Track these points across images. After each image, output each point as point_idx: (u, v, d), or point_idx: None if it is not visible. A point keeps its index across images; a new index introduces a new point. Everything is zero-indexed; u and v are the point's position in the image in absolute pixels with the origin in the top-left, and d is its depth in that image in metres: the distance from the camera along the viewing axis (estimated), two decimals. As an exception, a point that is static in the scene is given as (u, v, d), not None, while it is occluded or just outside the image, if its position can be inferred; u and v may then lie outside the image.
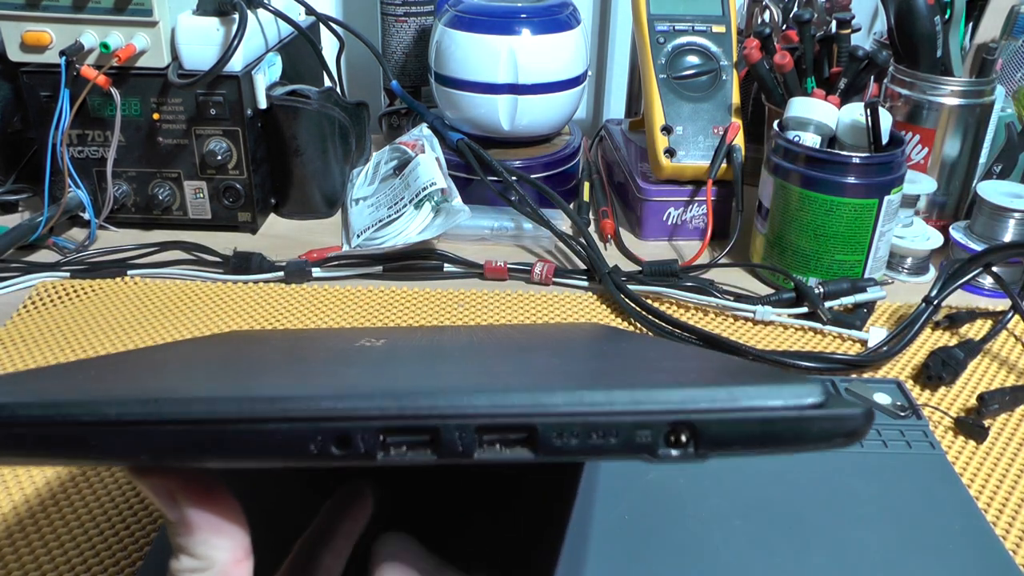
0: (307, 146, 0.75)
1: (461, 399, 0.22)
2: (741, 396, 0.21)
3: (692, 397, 0.21)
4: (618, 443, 0.22)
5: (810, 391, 0.21)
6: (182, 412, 0.21)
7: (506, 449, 0.22)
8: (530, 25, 0.75)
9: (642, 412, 0.21)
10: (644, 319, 0.62)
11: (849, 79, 0.72)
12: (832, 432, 0.21)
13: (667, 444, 0.22)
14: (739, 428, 0.21)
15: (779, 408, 0.21)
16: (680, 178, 0.75)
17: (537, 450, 0.22)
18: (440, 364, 0.29)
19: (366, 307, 0.65)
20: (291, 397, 0.22)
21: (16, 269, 0.67)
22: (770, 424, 0.21)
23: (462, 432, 0.21)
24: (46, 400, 0.22)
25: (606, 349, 0.34)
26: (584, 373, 0.26)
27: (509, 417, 0.21)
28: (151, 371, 0.29)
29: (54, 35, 0.67)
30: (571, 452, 0.22)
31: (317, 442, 0.21)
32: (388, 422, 0.21)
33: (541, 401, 0.22)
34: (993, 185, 0.68)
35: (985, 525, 0.41)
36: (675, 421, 0.21)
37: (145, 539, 0.42)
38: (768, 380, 0.22)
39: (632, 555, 0.38)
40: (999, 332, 0.61)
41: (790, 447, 0.21)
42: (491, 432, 0.22)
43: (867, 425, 0.21)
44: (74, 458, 0.22)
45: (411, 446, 0.22)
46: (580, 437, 0.21)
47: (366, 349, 0.33)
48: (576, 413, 0.21)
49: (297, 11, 0.83)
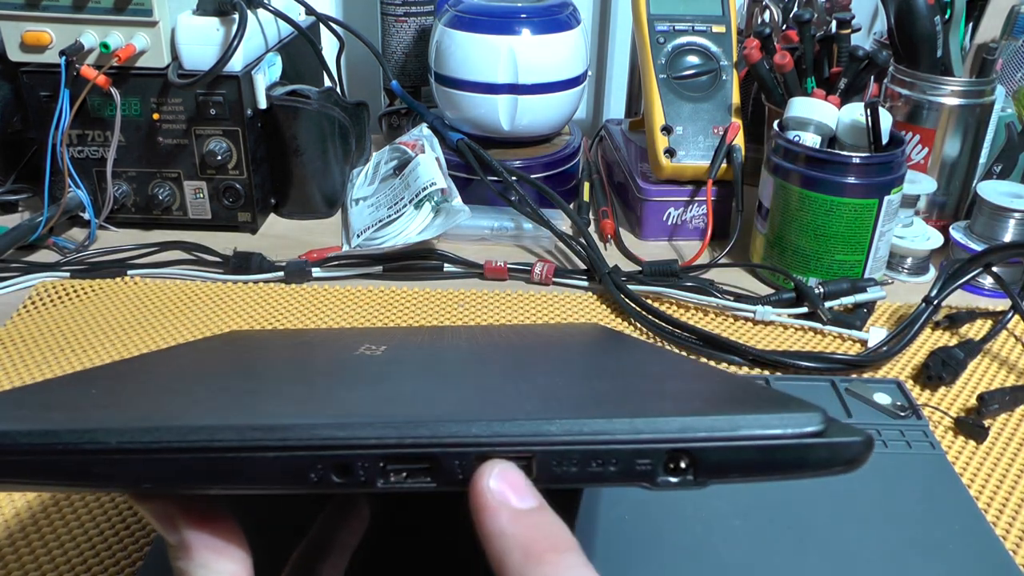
0: (307, 146, 0.75)
1: (460, 428, 0.22)
2: (741, 424, 0.21)
3: (691, 425, 0.22)
4: (617, 471, 0.22)
5: (810, 419, 0.21)
6: (183, 441, 0.21)
7: None
8: (530, 25, 0.75)
9: (641, 441, 0.21)
10: (644, 319, 0.62)
11: (849, 79, 0.72)
12: (832, 460, 0.21)
13: (666, 472, 0.22)
14: (738, 456, 0.21)
15: (779, 436, 0.21)
16: (680, 178, 0.75)
17: (536, 477, 0.22)
18: (440, 383, 0.29)
19: (366, 307, 0.64)
20: (291, 426, 0.22)
21: (16, 269, 0.67)
22: (770, 452, 0.21)
23: (461, 460, 0.22)
24: (47, 428, 0.22)
25: (606, 363, 0.34)
26: (584, 397, 0.26)
27: (508, 446, 0.22)
28: (153, 390, 0.29)
29: (54, 35, 0.67)
30: (570, 479, 0.22)
31: (317, 471, 0.21)
32: (388, 451, 0.22)
33: (540, 430, 0.22)
34: (993, 185, 0.68)
35: (985, 525, 0.41)
36: (674, 449, 0.21)
37: (145, 539, 0.42)
38: (768, 407, 0.22)
39: (632, 555, 0.38)
40: (999, 332, 0.61)
41: (789, 474, 0.21)
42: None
43: (867, 453, 0.21)
44: (75, 485, 0.22)
45: (411, 473, 0.22)
46: (579, 465, 0.22)
47: (366, 360, 0.33)
48: (575, 442, 0.22)
49: (297, 11, 0.83)
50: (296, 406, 0.26)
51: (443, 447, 0.21)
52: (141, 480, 0.22)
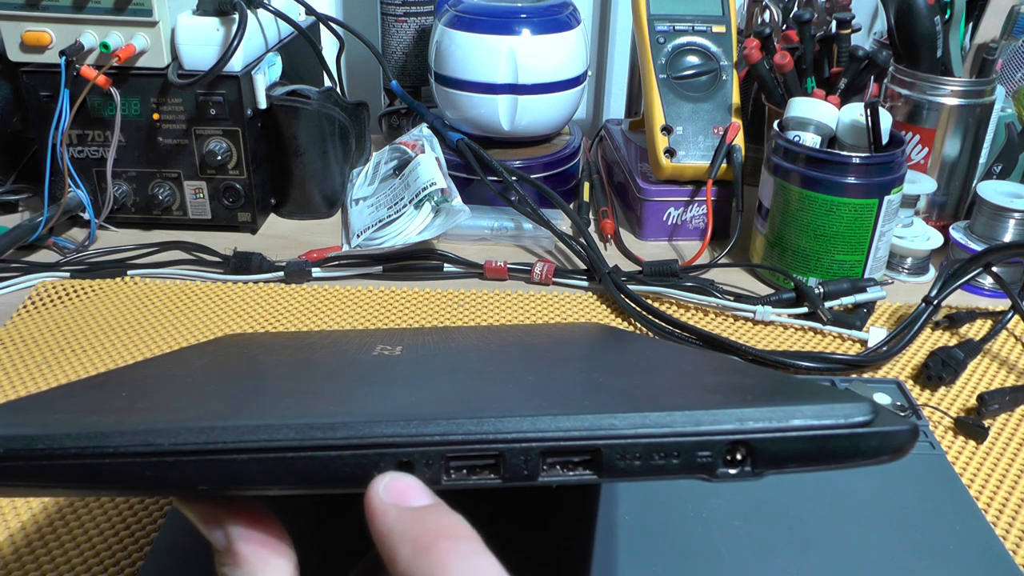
0: (307, 146, 0.75)
1: (525, 423, 0.21)
2: (795, 415, 0.22)
3: (749, 417, 0.22)
4: (679, 463, 0.22)
5: (860, 409, 0.22)
6: (240, 441, 0.21)
7: (569, 471, 0.22)
8: (530, 25, 0.75)
9: (703, 433, 0.22)
10: (644, 319, 0.62)
11: (849, 79, 0.72)
12: (880, 448, 0.22)
13: (725, 464, 0.22)
14: (794, 446, 0.22)
15: (832, 426, 0.22)
16: (680, 178, 0.75)
17: (601, 472, 0.22)
18: (485, 381, 0.29)
19: (366, 307, 0.64)
20: (352, 423, 0.21)
21: (16, 269, 0.67)
22: (824, 442, 0.22)
23: (527, 456, 0.21)
24: (96, 431, 0.21)
25: (633, 360, 0.34)
26: (634, 391, 0.26)
27: (574, 440, 0.21)
28: (187, 392, 0.28)
29: (54, 35, 0.67)
30: (634, 473, 0.22)
31: (380, 468, 0.21)
32: (453, 448, 0.21)
33: (606, 424, 0.22)
34: (993, 185, 0.68)
35: (985, 525, 0.41)
36: (734, 441, 0.22)
37: (145, 539, 0.42)
38: (818, 398, 0.23)
39: (632, 555, 0.38)
40: (999, 332, 0.61)
41: (842, 463, 0.22)
42: (556, 455, 0.22)
43: (913, 441, 0.22)
44: (127, 491, 0.21)
45: (475, 470, 0.22)
46: (643, 459, 0.22)
47: (391, 361, 0.33)
48: (640, 435, 0.22)
49: (297, 11, 0.83)
50: (343, 402, 0.25)
51: (509, 443, 0.21)
52: (197, 483, 0.21)
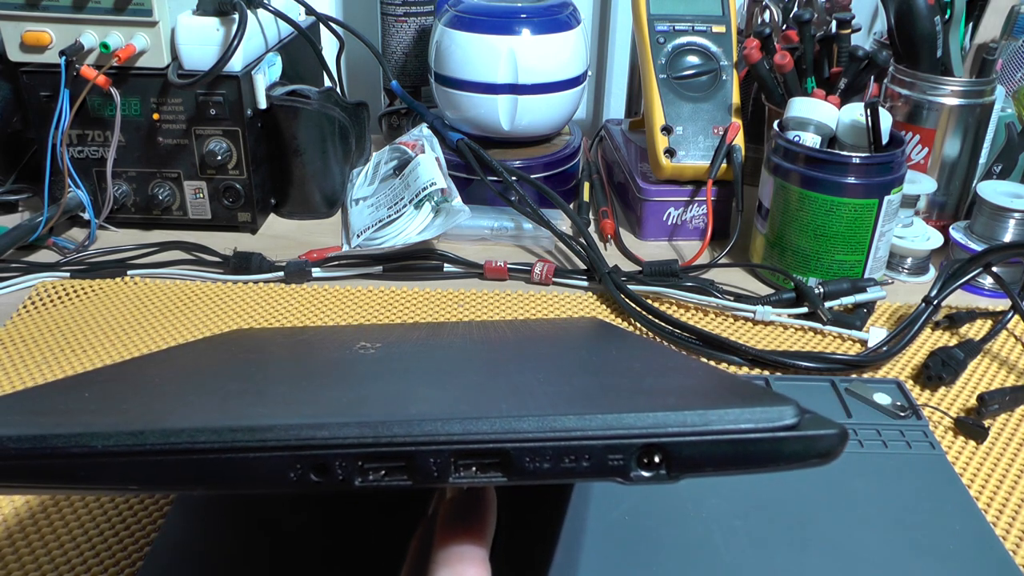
0: (307, 146, 0.75)
1: (435, 427, 0.22)
2: (713, 419, 0.22)
3: (663, 421, 0.22)
4: (589, 466, 0.22)
5: (783, 413, 0.22)
6: (165, 444, 0.22)
7: (480, 473, 0.22)
8: (530, 25, 0.75)
9: (612, 436, 0.22)
10: (644, 319, 0.62)
11: (849, 79, 0.72)
12: (805, 453, 0.22)
13: (639, 466, 0.22)
14: (711, 450, 0.22)
15: (751, 430, 0.22)
16: (680, 178, 0.75)
17: (510, 474, 0.22)
18: (423, 382, 0.30)
19: (366, 307, 0.64)
20: (270, 427, 0.22)
21: (16, 269, 0.67)
22: (742, 446, 0.22)
23: (437, 458, 0.22)
24: (36, 433, 0.22)
25: (593, 359, 0.34)
26: (562, 393, 0.27)
27: (482, 444, 0.22)
28: (145, 393, 0.30)
29: (54, 35, 0.67)
30: (543, 475, 0.22)
31: (296, 470, 0.22)
32: (365, 450, 0.22)
33: (513, 427, 0.22)
34: (993, 185, 0.68)
35: (985, 525, 0.41)
36: (646, 444, 0.22)
37: (145, 539, 0.42)
38: (743, 401, 0.23)
39: (632, 555, 0.38)
40: (999, 332, 0.61)
41: (765, 467, 0.22)
42: (465, 457, 0.22)
43: (841, 446, 0.22)
44: (65, 488, 0.23)
45: (388, 472, 0.22)
46: (552, 461, 0.22)
47: (358, 359, 0.34)
48: (547, 438, 0.22)
49: (297, 11, 0.83)
50: (279, 407, 0.26)
51: (418, 445, 0.22)
52: (127, 482, 0.22)
